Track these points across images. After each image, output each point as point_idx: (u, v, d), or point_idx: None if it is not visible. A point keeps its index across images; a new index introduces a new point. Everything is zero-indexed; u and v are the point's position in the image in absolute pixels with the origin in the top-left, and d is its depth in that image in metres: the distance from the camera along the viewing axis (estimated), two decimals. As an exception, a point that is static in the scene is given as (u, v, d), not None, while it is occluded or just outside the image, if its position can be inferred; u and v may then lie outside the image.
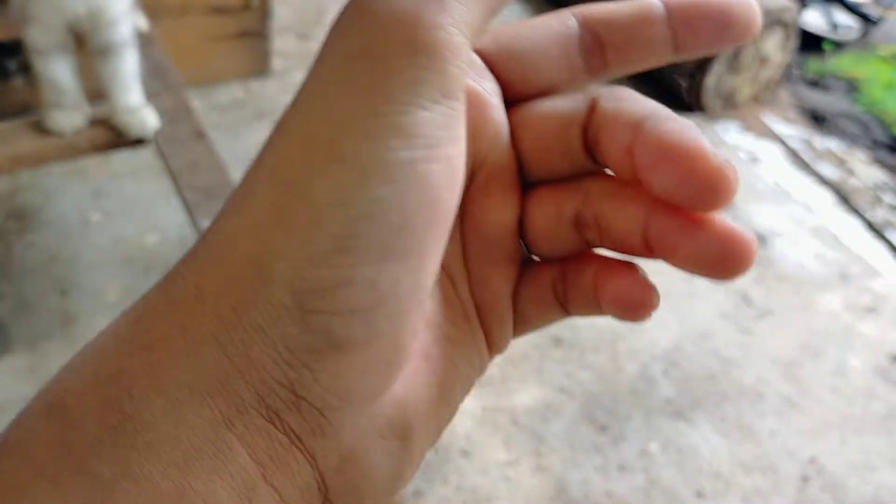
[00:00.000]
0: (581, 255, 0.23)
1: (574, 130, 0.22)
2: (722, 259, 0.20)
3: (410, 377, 0.21)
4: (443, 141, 0.18)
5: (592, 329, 1.52)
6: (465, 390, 0.23)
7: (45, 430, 0.17)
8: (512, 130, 0.22)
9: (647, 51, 0.22)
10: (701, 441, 1.36)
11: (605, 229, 0.22)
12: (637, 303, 0.22)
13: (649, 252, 0.21)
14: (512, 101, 0.23)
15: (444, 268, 0.23)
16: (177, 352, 0.18)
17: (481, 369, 0.24)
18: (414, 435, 0.21)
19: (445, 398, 0.22)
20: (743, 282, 1.66)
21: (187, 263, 0.19)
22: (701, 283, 1.64)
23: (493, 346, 0.24)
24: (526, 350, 1.45)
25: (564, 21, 0.22)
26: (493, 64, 0.22)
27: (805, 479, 1.32)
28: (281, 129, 0.19)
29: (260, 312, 0.18)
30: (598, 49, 0.22)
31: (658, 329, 1.54)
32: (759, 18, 0.21)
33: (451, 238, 0.21)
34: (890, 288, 1.69)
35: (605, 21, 0.22)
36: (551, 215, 0.22)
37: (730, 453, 1.35)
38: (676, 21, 0.21)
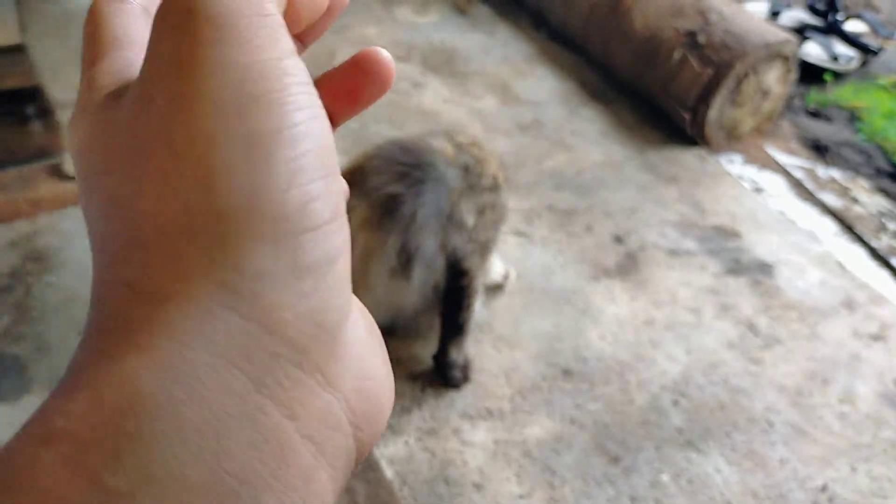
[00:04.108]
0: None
1: None
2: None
3: None
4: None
5: (601, 360, 1.54)
6: None
7: (46, 456, 0.16)
8: None
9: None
10: (712, 471, 1.37)
11: None
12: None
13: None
14: None
15: None
16: (180, 326, 0.18)
17: None
18: (372, 320, 0.23)
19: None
20: (750, 311, 1.68)
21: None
22: (708, 314, 1.66)
23: None
24: (535, 382, 1.47)
25: None
26: None
27: (817, 508, 1.33)
28: None
29: (256, 255, 0.19)
30: None
31: (667, 360, 1.55)
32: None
33: None
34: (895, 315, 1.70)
35: None
36: None
37: (741, 482, 1.35)
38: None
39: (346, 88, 0.26)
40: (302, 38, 0.27)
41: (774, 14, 2.64)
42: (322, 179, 0.20)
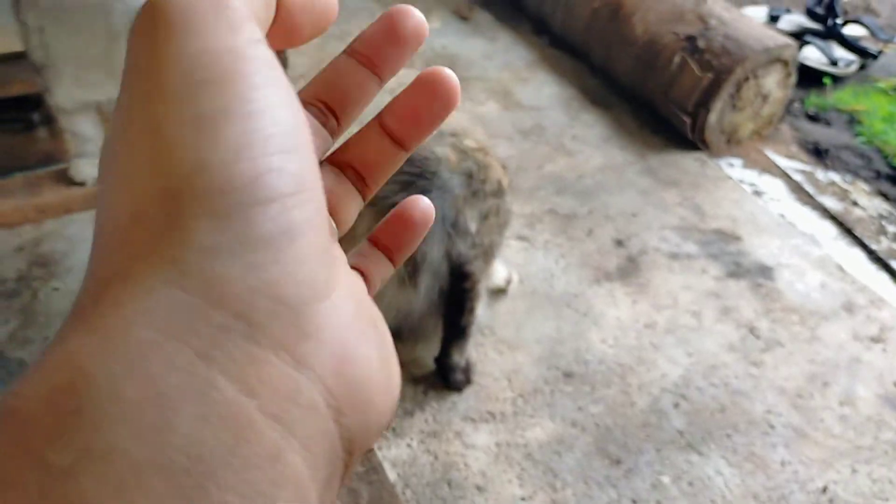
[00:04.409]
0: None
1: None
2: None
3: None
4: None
5: (602, 363, 1.55)
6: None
7: None
8: None
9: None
10: (713, 473, 1.38)
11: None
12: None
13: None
14: None
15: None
16: (126, 304, 0.18)
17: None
18: (377, 314, 0.23)
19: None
20: (750, 314, 1.69)
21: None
22: (709, 317, 1.67)
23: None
24: (537, 384, 1.48)
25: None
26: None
27: (818, 510, 1.33)
28: None
29: (202, 229, 0.18)
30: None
31: (667, 362, 1.56)
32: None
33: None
34: (895, 317, 1.71)
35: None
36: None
37: (742, 485, 1.36)
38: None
39: (412, 111, 0.28)
40: (378, 73, 0.29)
41: (773, 18, 2.65)
42: (279, 154, 0.20)
